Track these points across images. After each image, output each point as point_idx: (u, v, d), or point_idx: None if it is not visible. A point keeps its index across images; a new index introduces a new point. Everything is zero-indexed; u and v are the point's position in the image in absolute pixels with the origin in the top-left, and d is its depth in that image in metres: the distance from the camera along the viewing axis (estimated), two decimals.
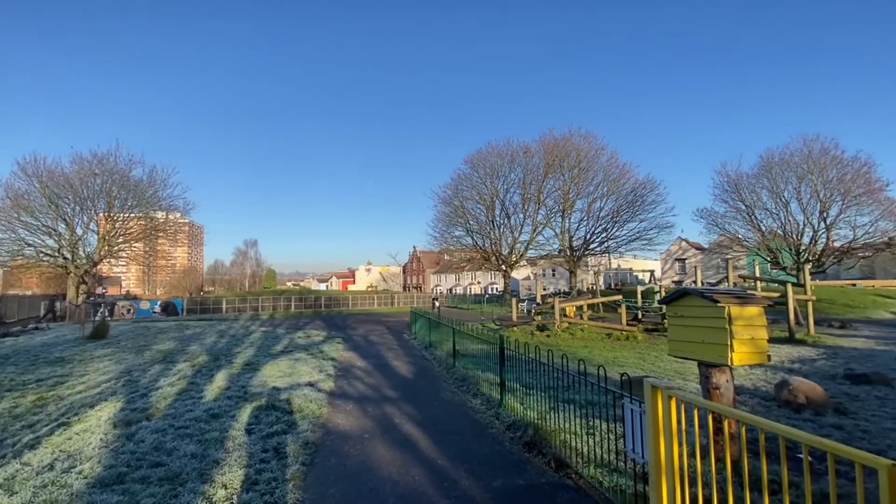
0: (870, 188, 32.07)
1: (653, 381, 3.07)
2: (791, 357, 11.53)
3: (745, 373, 9.29)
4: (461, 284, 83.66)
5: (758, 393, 7.74)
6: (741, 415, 2.46)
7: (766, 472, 2.32)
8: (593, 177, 44.28)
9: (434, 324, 13.94)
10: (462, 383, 8.76)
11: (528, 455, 5.00)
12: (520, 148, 47.14)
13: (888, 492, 1.72)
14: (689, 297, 4.57)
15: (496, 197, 47.57)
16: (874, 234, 32.63)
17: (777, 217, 35.93)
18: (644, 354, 12.35)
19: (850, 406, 6.84)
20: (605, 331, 17.40)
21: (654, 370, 10.01)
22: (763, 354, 4.32)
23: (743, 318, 4.24)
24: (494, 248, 48.06)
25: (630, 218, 42.93)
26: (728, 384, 4.44)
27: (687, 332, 4.63)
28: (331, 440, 5.66)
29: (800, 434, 2.06)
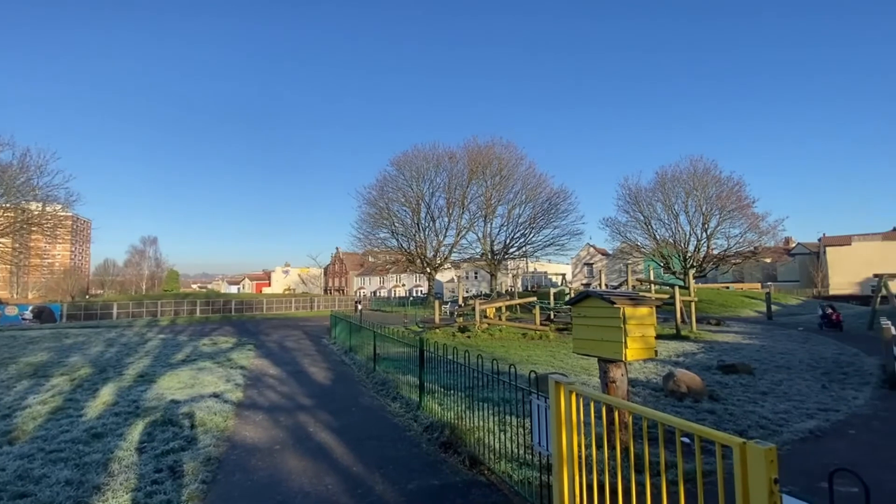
0: (740, 204, 37.37)
1: (556, 377, 3.30)
2: (677, 351, 13.04)
3: (639, 367, 10.31)
4: (386, 287, 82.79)
5: (649, 384, 8.62)
6: (629, 405, 2.74)
7: (647, 455, 2.59)
8: (513, 185, 46.50)
9: (354, 327, 13.63)
10: (382, 387, 8.66)
11: (444, 455, 5.09)
12: (445, 153, 48.01)
13: (740, 465, 2.01)
14: (591, 298, 4.98)
15: (422, 200, 47.91)
16: (743, 244, 38.06)
17: (669, 227, 40.45)
18: (555, 352, 13.18)
19: (721, 393, 7.89)
20: (521, 331, 18.28)
21: (563, 367, 10.72)
22: (651, 350, 4.83)
23: (635, 318, 4.72)
24: (419, 250, 48.30)
25: (545, 224, 45.73)
26: (623, 378, 4.89)
27: (588, 331, 5.03)
28: (237, 454, 5.29)
29: (673, 420, 2.34)
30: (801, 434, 5.80)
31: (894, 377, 8.50)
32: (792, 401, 7.42)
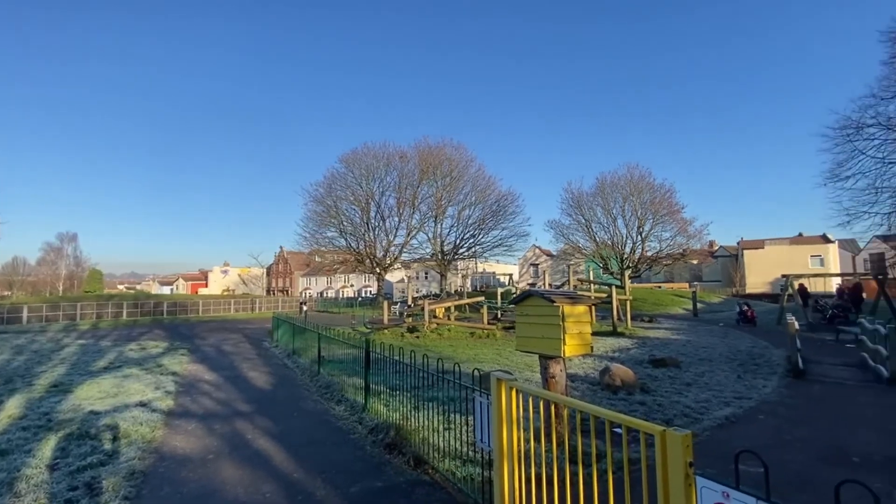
0: (671, 210, 40.23)
1: (498, 374, 3.38)
2: (613, 347, 13.80)
3: (579, 362, 10.80)
4: (333, 287, 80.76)
5: (587, 379, 9.06)
6: (564, 399, 2.87)
7: (580, 447, 2.73)
8: (463, 186, 47.07)
9: (298, 329, 13.19)
10: (326, 390, 8.45)
11: (389, 456, 5.06)
12: (396, 152, 47.68)
13: (660, 451, 2.18)
14: (532, 298, 5.15)
15: (371, 199, 47.23)
16: (673, 246, 41.00)
17: (608, 230, 42.73)
18: (501, 350, 13.50)
19: (651, 385, 8.45)
20: (470, 330, 18.54)
21: (508, 364, 10.99)
22: (588, 346, 5.08)
23: (573, 316, 4.94)
24: (369, 250, 47.58)
25: (494, 226, 46.73)
26: (562, 373, 5.11)
27: (530, 329, 5.20)
28: (165, 466, 4.94)
29: (604, 412, 2.48)
30: (718, 421, 6.35)
31: (797, 367, 9.52)
32: (712, 390, 8.10)
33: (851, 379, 9.14)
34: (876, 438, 5.58)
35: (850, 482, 1.75)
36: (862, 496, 1.70)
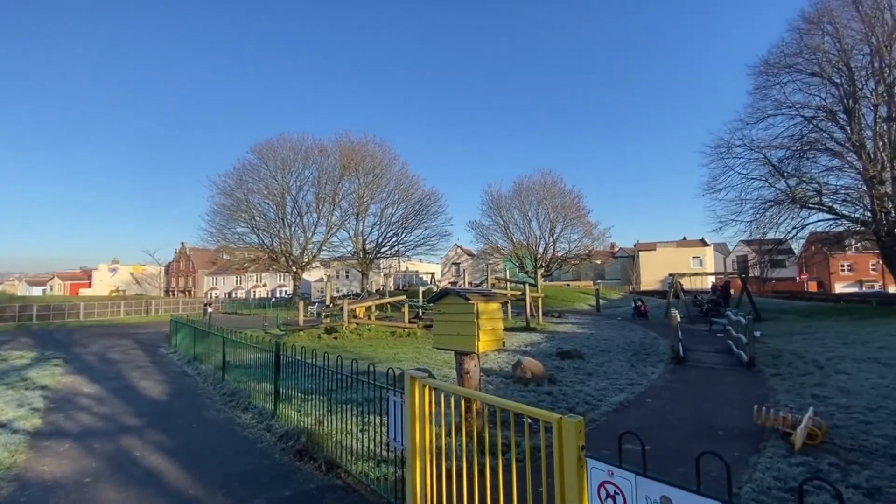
0: (579, 214, 43.49)
1: (412, 373, 3.40)
2: (526, 342, 14.58)
3: (494, 357, 11.25)
4: (243, 287, 75.35)
5: (501, 373, 9.47)
6: (473, 394, 2.97)
7: (492, 438, 2.85)
8: (387, 184, 46.57)
9: (201, 333, 12.10)
10: (232, 398, 7.87)
11: (299, 463, 4.85)
12: (315, 145, 45.81)
13: (557, 437, 2.34)
14: (449, 296, 5.26)
15: (288, 193, 44.85)
16: (580, 247, 44.37)
17: (524, 231, 45.01)
18: (421, 349, 13.60)
19: (558, 376, 9.07)
20: (390, 329, 18.42)
21: (428, 362, 11.11)
22: (500, 341, 5.31)
23: (487, 313, 5.14)
24: (284, 247, 45.10)
25: (417, 225, 46.89)
26: (476, 368, 5.28)
27: (447, 327, 5.31)
28: (28, 496, 4.26)
29: (509, 404, 2.61)
30: (614, 406, 7.00)
31: (679, 355, 10.83)
32: (610, 379, 8.91)
33: (720, 363, 10.61)
34: (737, 413, 6.53)
35: (708, 453, 2.03)
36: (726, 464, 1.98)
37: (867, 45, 21.10)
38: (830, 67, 22.18)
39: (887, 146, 20.56)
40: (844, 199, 22.31)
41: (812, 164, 23.29)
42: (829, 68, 22.21)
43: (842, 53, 21.80)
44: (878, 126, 21.00)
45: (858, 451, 4.93)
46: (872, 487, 4.06)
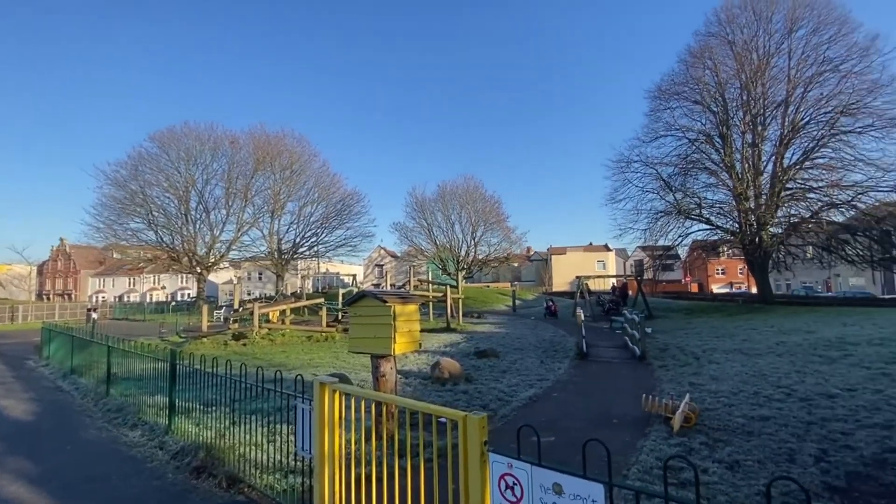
0: (498, 219, 45.36)
1: (322, 378, 3.31)
2: (446, 342, 14.85)
3: (414, 359, 11.30)
4: (137, 290, 67.38)
5: (420, 374, 9.54)
6: (385, 397, 2.96)
7: (399, 440, 2.86)
8: (305, 181, 44.62)
9: (80, 343, 10.62)
10: (118, 414, 7.02)
11: (196, 481, 4.46)
12: (226, 136, 42.51)
13: (462, 434, 2.43)
14: (366, 298, 5.20)
15: (192, 187, 41.02)
16: (500, 250, 46.27)
17: (447, 234, 45.85)
18: (339, 353, 13.21)
19: (475, 375, 9.35)
20: (307, 333, 17.67)
21: (345, 367, 10.83)
22: (417, 343, 5.36)
23: (404, 315, 5.15)
24: (187, 246, 41.14)
25: (338, 225, 45.52)
26: (392, 371, 5.27)
27: (363, 330, 5.23)
28: None
29: (418, 405, 2.64)
30: (524, 401, 7.39)
31: (582, 351, 11.74)
32: (522, 375, 9.39)
33: (617, 358, 11.69)
34: (629, 402, 7.22)
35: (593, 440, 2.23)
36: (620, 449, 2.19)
37: (738, 80, 24.65)
38: (709, 97, 25.57)
39: (751, 168, 24.18)
40: (718, 212, 25.83)
41: (694, 181, 26.66)
42: (709, 98, 25.60)
43: (718, 86, 25.23)
44: (744, 150, 24.61)
45: (723, 430, 5.72)
46: (733, 461, 4.73)
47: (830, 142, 22.46)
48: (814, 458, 4.71)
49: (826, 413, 6.08)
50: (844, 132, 21.98)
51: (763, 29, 24.19)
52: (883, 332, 11.76)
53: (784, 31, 23.66)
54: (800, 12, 23.23)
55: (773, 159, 23.88)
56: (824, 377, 8.03)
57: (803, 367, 8.90)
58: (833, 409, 6.20)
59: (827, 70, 22.40)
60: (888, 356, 9.14)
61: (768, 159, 24.16)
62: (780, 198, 23.20)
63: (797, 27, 23.34)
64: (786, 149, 23.47)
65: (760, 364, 9.48)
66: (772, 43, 24.03)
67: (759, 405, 6.62)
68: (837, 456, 4.71)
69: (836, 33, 22.41)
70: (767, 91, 23.94)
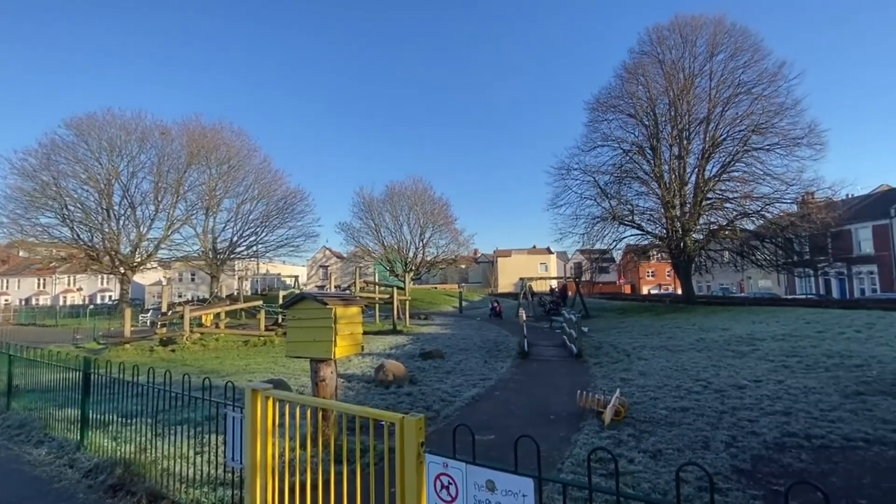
0: (447, 220, 45.79)
1: (254, 385, 3.17)
2: (391, 344, 14.73)
3: (358, 362, 11.10)
4: (48, 292, 60.66)
5: (364, 377, 9.39)
6: (321, 402, 2.89)
7: (335, 446, 2.80)
8: (244, 177, 42.43)
9: None
10: (19, 431, 6.28)
11: (112, 500, 4.10)
12: (155, 126, 39.48)
13: (399, 436, 2.43)
14: (305, 300, 5.04)
15: (116, 180, 37.64)
16: (448, 252, 46.68)
17: (395, 235, 45.59)
18: (278, 358, 12.68)
19: (419, 376, 9.36)
20: (243, 338, 16.81)
21: (284, 372, 10.42)
22: (359, 346, 5.28)
23: (346, 317, 5.05)
24: (109, 244, 37.64)
25: (280, 224, 43.70)
26: (332, 375, 5.15)
27: (302, 333, 5.07)
28: None
29: (353, 408, 2.61)
30: (467, 400, 7.50)
31: (524, 350, 12.12)
32: (466, 375, 9.52)
33: (556, 356, 12.19)
34: (566, 399, 7.56)
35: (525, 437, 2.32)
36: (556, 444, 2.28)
37: (667, 96, 26.62)
38: (642, 111, 27.38)
39: (677, 178, 26.18)
40: (649, 219, 27.73)
41: (628, 189, 28.42)
42: (641, 112, 27.41)
43: (650, 101, 27.09)
44: (672, 162, 26.60)
45: (649, 422, 6.14)
46: (656, 450, 5.09)
47: (743, 157, 24.88)
48: (725, 444, 5.18)
49: (736, 403, 6.71)
50: (755, 149, 24.45)
51: (689, 51, 26.32)
52: (784, 328, 13.19)
53: (706, 54, 25.90)
54: (720, 38, 25.54)
55: (696, 171, 26.01)
56: (736, 370, 8.87)
57: (718, 362, 9.78)
58: (742, 399, 6.87)
59: (741, 92, 24.80)
60: (788, 350, 10.26)
61: (692, 171, 26.29)
62: (701, 206, 25.33)
63: (717, 51, 25.63)
64: (707, 162, 25.66)
65: (683, 359, 10.29)
66: (696, 64, 26.21)
67: (680, 397, 7.18)
68: (745, 441, 5.22)
69: (750, 59, 24.89)
70: (692, 108, 26.05)
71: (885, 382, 7.25)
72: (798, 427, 5.54)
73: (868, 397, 6.59)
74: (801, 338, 11.43)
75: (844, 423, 5.63)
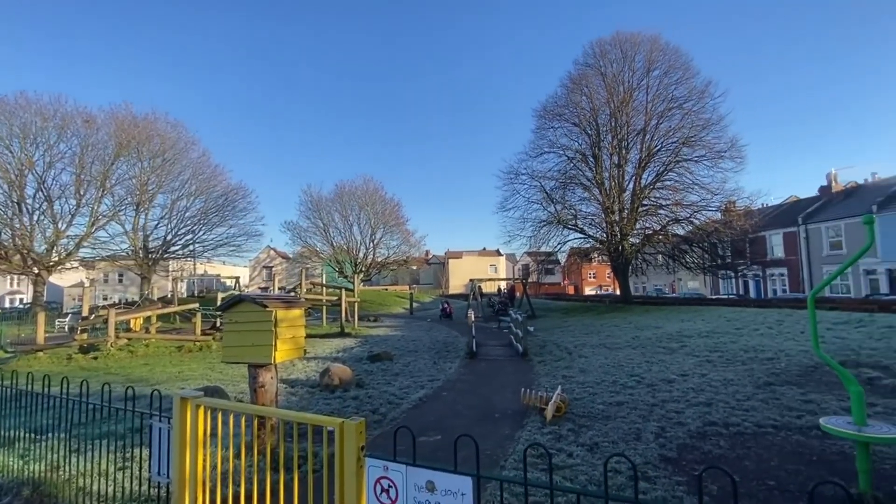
0: (398, 221, 45.36)
1: (183, 393, 2.98)
2: (339, 347, 14.40)
3: (302, 366, 10.75)
4: None
5: (308, 382, 9.11)
6: (257, 409, 2.78)
7: (281, 453, 2.70)
8: (181, 171, 39.73)
9: None
10: None
11: None
12: (78, 113, 35.96)
13: (339, 441, 2.38)
14: (244, 303, 4.82)
15: (30, 170, 33.88)
16: (399, 253, 46.29)
17: (344, 235, 44.49)
18: (215, 364, 12.00)
19: (366, 379, 9.22)
20: (177, 343, 15.74)
21: (222, 379, 9.88)
22: (301, 349, 5.12)
23: (288, 320, 4.88)
24: (20, 242, 33.79)
25: (220, 222, 41.35)
26: (272, 381, 4.95)
27: (240, 338, 4.84)
28: None
29: (290, 414, 2.53)
30: (415, 402, 7.49)
31: (472, 350, 12.29)
32: (414, 377, 9.51)
33: (503, 355, 12.47)
34: (511, 397, 7.75)
35: (464, 436, 2.36)
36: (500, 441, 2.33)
37: (608, 107, 28.08)
38: (585, 121, 28.71)
39: (616, 185, 27.68)
40: (591, 223, 29.09)
41: (572, 195, 29.67)
42: (585, 121, 28.73)
43: (593, 111, 28.47)
44: (612, 170, 28.09)
45: (587, 417, 6.44)
46: (593, 444, 5.34)
47: (675, 167, 26.78)
48: (654, 434, 5.54)
49: (665, 396, 7.20)
50: (685, 160, 26.40)
51: (628, 66, 27.96)
52: (708, 326, 14.32)
53: (643, 70, 27.62)
54: (655, 55, 27.34)
55: (633, 179, 27.64)
56: (666, 365, 9.51)
57: (651, 358, 10.44)
58: (671, 392, 7.37)
59: (674, 107, 26.69)
60: (711, 346, 11.15)
61: (630, 179, 27.91)
62: (637, 212, 26.96)
63: (653, 68, 27.42)
64: (643, 171, 27.35)
65: (619, 356, 10.89)
66: (634, 79, 27.88)
67: (616, 392, 7.59)
68: (672, 432, 5.61)
69: (682, 77, 26.87)
70: (630, 120, 27.67)
71: (791, 374, 8.07)
72: (718, 416, 6.03)
73: (777, 387, 7.31)
74: (723, 334, 12.46)
75: (757, 411, 6.20)
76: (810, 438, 5.19)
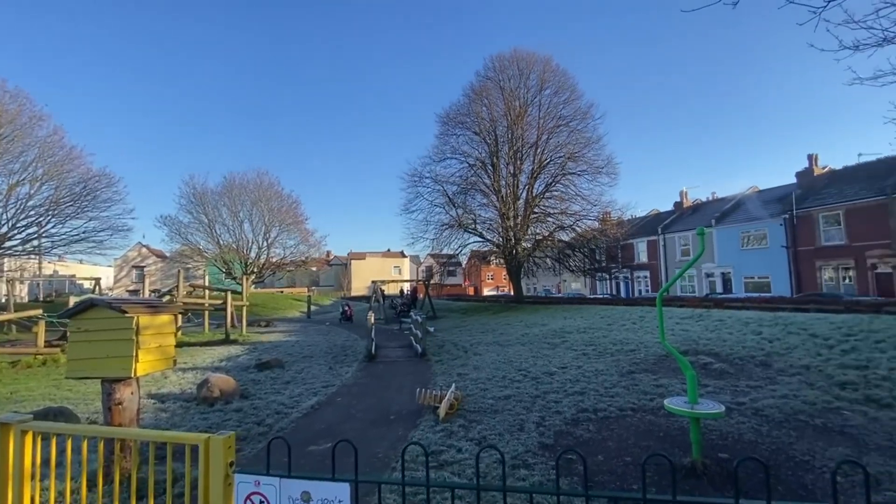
0: (296, 220, 42.97)
1: (4, 417, 2.49)
2: (222, 356, 13.16)
3: (177, 378, 9.62)
4: None
5: (184, 396, 8.18)
6: (104, 430, 2.43)
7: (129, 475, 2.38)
8: (24, 151, 32.83)
9: None
10: None
11: None
12: None
13: (203, 457, 2.19)
14: (96, 308, 4.17)
15: None
16: (296, 253, 43.83)
17: (233, 233, 40.81)
18: (62, 382, 10.14)
19: (252, 389, 8.57)
20: (12, 357, 13.03)
21: (72, 398, 8.41)
22: (170, 360, 4.58)
23: (153, 327, 4.34)
24: None
25: (77, 213, 35.01)
26: (133, 397, 4.35)
27: (91, 348, 4.17)
28: None
29: (143, 433, 2.26)
30: (306, 410, 7.16)
31: (371, 353, 12.13)
32: (307, 384, 9.07)
33: (403, 357, 12.51)
34: (407, 398, 7.80)
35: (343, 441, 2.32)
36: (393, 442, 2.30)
37: (506, 119, 29.83)
38: (485, 130, 30.15)
39: (511, 193, 29.53)
40: (489, 228, 30.61)
41: (472, 200, 30.93)
42: (484, 131, 30.17)
43: (492, 122, 30.01)
44: (508, 178, 29.89)
45: (478, 412, 6.74)
46: (481, 438, 5.62)
47: (561, 179, 29.41)
48: (536, 424, 6.01)
49: (547, 387, 7.84)
50: (570, 173, 29.14)
51: (523, 83, 30.02)
52: (586, 322, 15.95)
53: (537, 87, 29.90)
54: (547, 75, 29.78)
55: (526, 188, 29.73)
56: (549, 359, 10.38)
57: (537, 353, 11.31)
58: (551, 384, 8.06)
59: (562, 124, 29.31)
60: (587, 340, 12.43)
61: (523, 188, 29.97)
62: (529, 219, 29.06)
63: (545, 87, 29.82)
64: (535, 181, 29.57)
65: (510, 353, 11.61)
66: (529, 95, 30.02)
67: (504, 386, 8.08)
68: (551, 420, 6.13)
69: (569, 97, 29.62)
70: (524, 133, 29.72)
71: (648, 363, 9.35)
72: (588, 404, 6.74)
73: (636, 375, 8.41)
74: (597, 330, 13.98)
75: (620, 397, 7.06)
76: (659, 417, 6.06)
